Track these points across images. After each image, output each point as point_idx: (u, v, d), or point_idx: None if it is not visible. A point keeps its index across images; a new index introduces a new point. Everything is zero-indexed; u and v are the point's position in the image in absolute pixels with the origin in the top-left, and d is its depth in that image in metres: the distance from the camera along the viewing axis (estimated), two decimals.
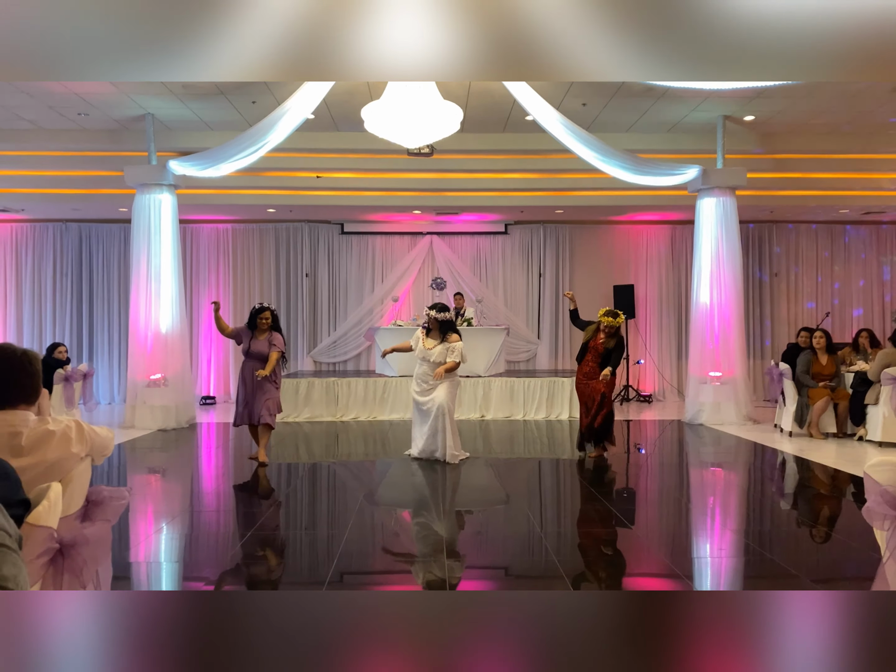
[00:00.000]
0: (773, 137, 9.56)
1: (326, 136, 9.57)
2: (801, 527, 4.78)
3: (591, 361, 6.82)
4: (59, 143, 9.36)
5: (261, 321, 6.56)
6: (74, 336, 11.65)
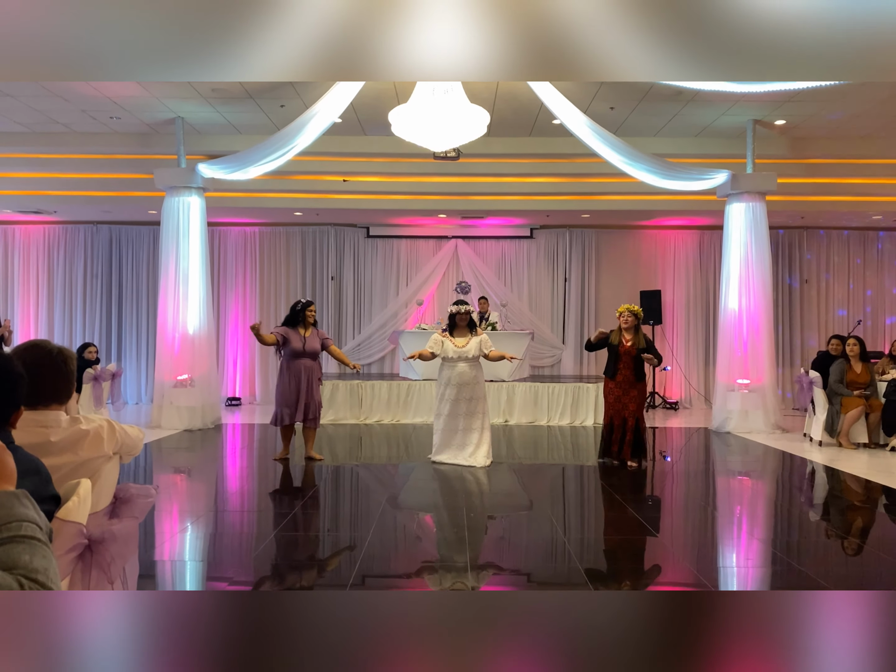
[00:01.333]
0: (805, 142, 9.42)
1: (354, 139, 9.62)
2: (832, 538, 4.68)
3: (624, 369, 6.55)
4: (92, 146, 9.52)
5: (309, 314, 6.61)
6: (103, 336, 11.82)
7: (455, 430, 6.56)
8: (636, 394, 6.60)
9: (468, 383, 6.52)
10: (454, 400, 6.52)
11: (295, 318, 6.62)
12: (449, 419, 6.57)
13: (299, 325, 6.61)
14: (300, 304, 6.68)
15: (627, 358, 6.55)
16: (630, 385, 6.57)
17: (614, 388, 6.62)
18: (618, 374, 6.58)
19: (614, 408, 6.62)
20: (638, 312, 6.62)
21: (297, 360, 6.55)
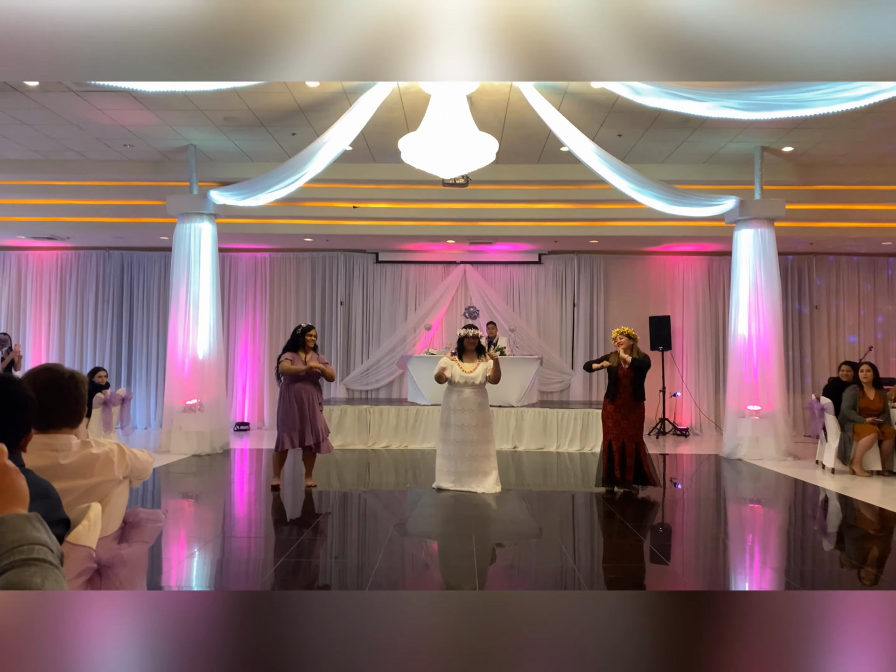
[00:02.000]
0: (813, 168, 9.45)
1: (364, 167, 9.72)
2: (846, 567, 4.61)
3: (623, 392, 6.53)
4: (105, 173, 9.65)
5: (309, 338, 6.62)
6: (114, 361, 11.88)
7: (463, 456, 6.50)
8: (635, 418, 6.54)
9: (474, 409, 6.49)
10: (461, 426, 6.48)
11: (296, 343, 6.64)
12: (456, 445, 6.52)
13: (300, 350, 6.63)
14: (300, 328, 6.70)
15: (626, 380, 6.52)
16: (629, 409, 6.51)
17: (613, 412, 6.56)
18: (617, 396, 6.55)
19: (613, 432, 6.55)
20: (630, 333, 6.62)
21: (297, 384, 6.54)
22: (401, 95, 7.40)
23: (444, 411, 6.62)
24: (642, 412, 6.66)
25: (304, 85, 7.14)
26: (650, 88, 6.11)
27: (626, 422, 6.51)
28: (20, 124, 8.12)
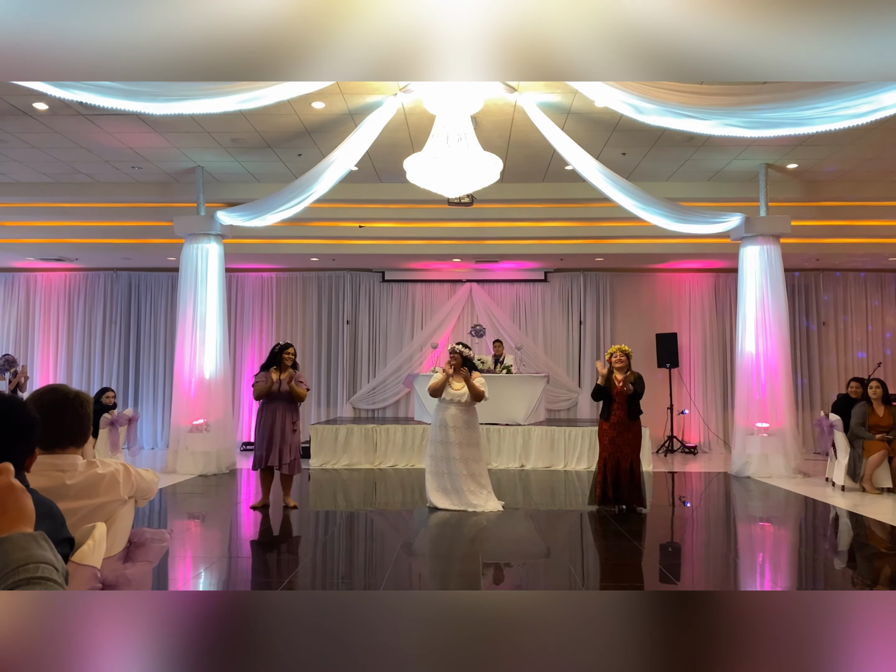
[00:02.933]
0: (817, 185, 9.47)
1: (369, 187, 9.79)
2: (857, 585, 4.55)
3: (617, 410, 6.46)
4: (113, 195, 9.74)
5: (286, 357, 6.53)
6: (121, 381, 11.92)
7: (444, 472, 6.48)
8: (630, 436, 6.48)
9: (459, 427, 6.47)
10: (446, 442, 6.47)
11: (272, 361, 6.60)
12: (439, 461, 6.51)
13: (274, 368, 6.58)
14: (278, 346, 6.65)
15: (620, 398, 6.46)
16: (624, 427, 6.45)
17: (608, 430, 6.50)
18: (611, 415, 6.49)
19: (608, 450, 6.48)
20: (628, 352, 6.59)
21: (271, 403, 6.49)
22: (405, 116, 7.46)
23: (432, 428, 6.64)
24: (639, 430, 6.58)
25: (309, 106, 7.22)
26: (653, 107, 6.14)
27: (621, 439, 6.45)
28: (30, 148, 8.22)
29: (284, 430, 6.48)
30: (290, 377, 6.50)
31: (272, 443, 6.45)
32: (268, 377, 6.48)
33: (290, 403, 6.54)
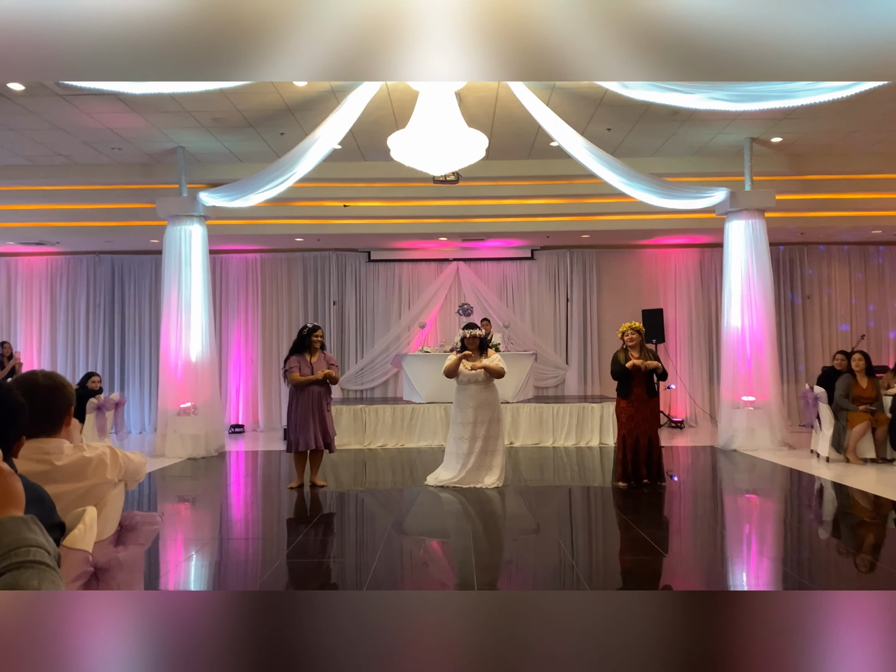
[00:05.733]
0: (802, 159, 9.48)
1: (353, 165, 9.70)
2: (843, 555, 4.63)
3: (636, 388, 6.48)
4: (94, 177, 9.60)
5: (315, 339, 6.60)
6: (106, 366, 11.83)
7: (470, 452, 6.53)
8: (649, 412, 6.54)
9: (481, 406, 6.52)
10: (469, 423, 6.52)
11: (302, 344, 6.62)
12: (464, 442, 6.56)
13: (306, 351, 6.60)
14: (306, 329, 6.67)
15: (639, 376, 6.49)
16: (643, 403, 6.50)
17: (627, 407, 6.53)
18: (630, 392, 6.51)
19: (627, 427, 6.52)
20: (641, 329, 6.62)
21: (306, 386, 6.55)
22: (389, 93, 7.38)
23: (454, 409, 6.70)
24: (656, 406, 6.67)
25: (291, 84, 7.12)
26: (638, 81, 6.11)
27: (639, 416, 6.49)
28: (7, 129, 8.07)
29: (322, 411, 6.57)
30: (322, 359, 6.62)
31: (310, 425, 6.51)
32: (302, 362, 6.54)
33: (324, 384, 6.62)
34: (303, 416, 6.52)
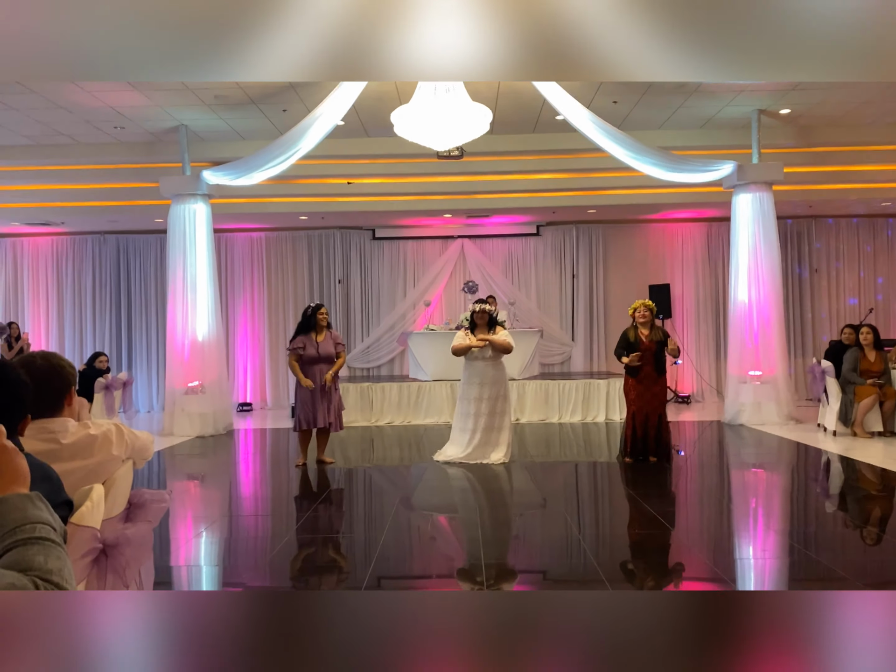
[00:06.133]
0: (811, 130, 9.36)
1: (356, 141, 9.63)
2: (849, 528, 4.64)
3: (645, 365, 6.43)
4: (97, 156, 9.56)
5: (321, 318, 6.58)
6: (114, 345, 11.87)
7: (476, 429, 6.55)
8: (658, 389, 6.52)
9: (489, 382, 6.52)
10: (475, 399, 6.52)
11: (307, 324, 6.61)
12: (471, 418, 6.57)
13: (312, 331, 6.60)
14: (310, 308, 6.66)
15: (648, 354, 6.46)
16: (652, 381, 6.47)
17: (635, 385, 6.51)
18: (640, 371, 6.49)
19: (636, 404, 6.51)
20: (652, 307, 6.58)
21: (313, 366, 6.54)
22: None
23: (461, 385, 6.70)
24: (664, 384, 6.65)
25: None
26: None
27: (648, 393, 6.47)
28: (8, 109, 8.02)
29: (329, 390, 6.57)
30: (328, 338, 6.61)
31: (317, 404, 6.52)
32: (308, 341, 6.54)
33: (331, 363, 6.61)
34: (309, 394, 6.54)
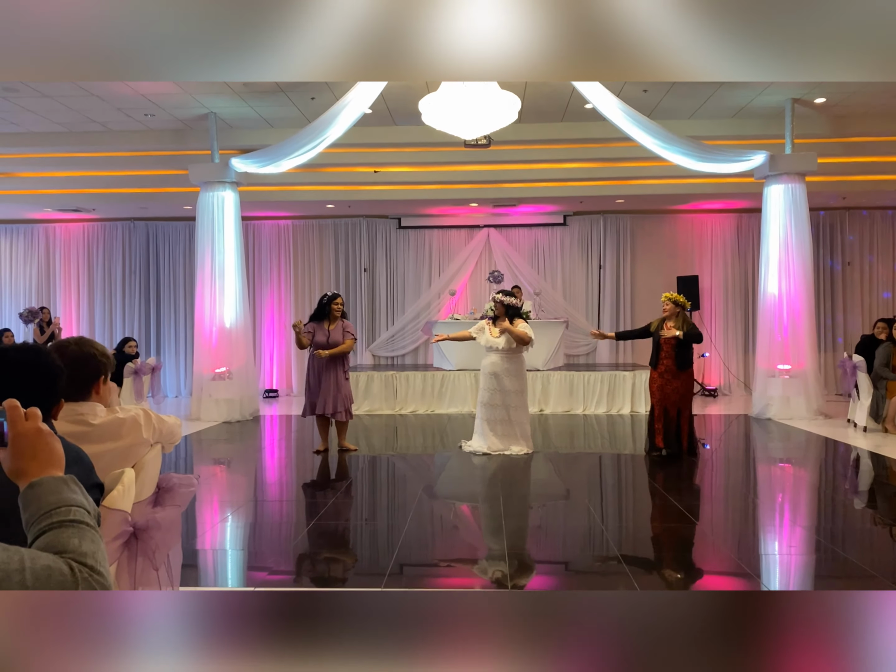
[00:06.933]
0: (846, 120, 9.15)
1: (384, 130, 9.62)
2: (878, 525, 4.57)
3: (665, 359, 6.39)
4: (127, 144, 9.67)
5: (335, 308, 6.59)
6: (143, 331, 12.05)
7: (491, 420, 6.53)
8: (679, 384, 6.43)
9: (500, 374, 6.48)
10: (488, 390, 6.51)
11: (321, 312, 6.63)
12: (485, 408, 6.57)
13: (325, 319, 6.61)
14: (326, 297, 6.67)
15: (668, 347, 6.39)
16: (672, 375, 6.39)
17: (657, 378, 6.47)
18: (659, 364, 6.44)
19: (657, 396, 6.47)
20: (678, 299, 6.49)
21: None
22: None
23: (480, 376, 6.70)
24: (689, 379, 6.49)
25: None
26: None
27: (669, 387, 6.40)
28: (42, 97, 8.14)
29: (338, 379, 6.57)
30: (340, 327, 6.58)
31: (321, 392, 6.53)
32: (318, 329, 6.54)
33: (341, 352, 6.59)
34: (314, 381, 6.57)
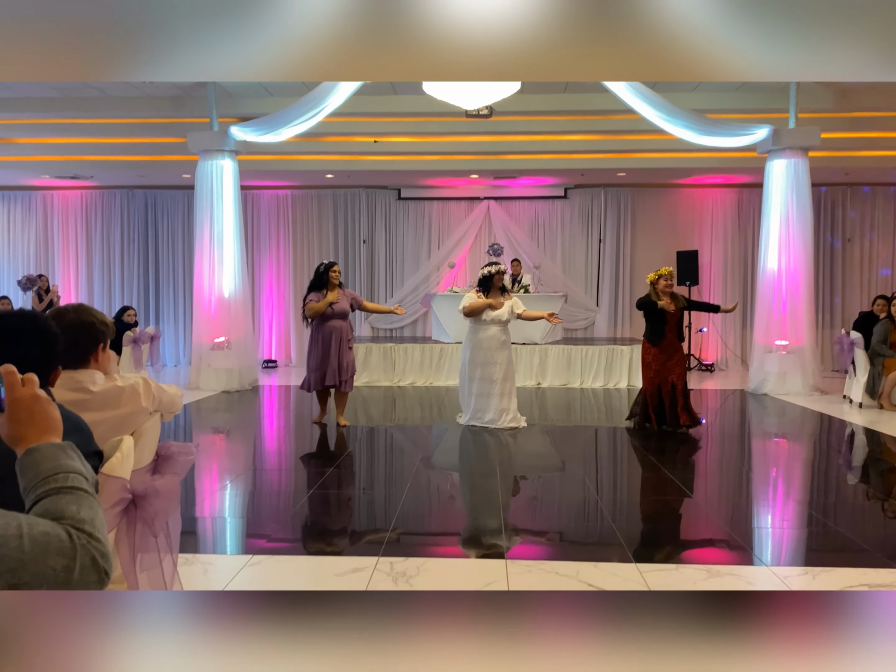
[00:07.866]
0: (850, 94, 9.05)
1: (384, 99, 9.52)
2: (872, 500, 4.61)
3: (669, 333, 6.36)
4: (126, 110, 9.57)
5: (333, 275, 6.52)
6: (141, 299, 12.03)
7: (488, 394, 6.51)
8: (680, 356, 6.47)
9: (499, 348, 6.47)
10: (486, 364, 6.48)
11: (320, 282, 6.57)
12: (481, 383, 6.53)
13: (325, 288, 6.56)
14: (322, 266, 6.59)
15: (673, 322, 6.39)
16: (674, 349, 6.42)
17: (658, 354, 6.39)
18: (664, 339, 6.40)
19: (661, 375, 6.40)
20: (668, 274, 6.46)
21: (325, 323, 6.48)
22: None
23: (468, 349, 6.58)
24: (683, 351, 6.59)
25: None
26: None
27: (672, 361, 6.40)
28: None
29: (341, 349, 6.53)
30: (342, 295, 6.54)
31: (329, 363, 6.47)
32: (320, 299, 6.46)
33: (344, 321, 6.56)
34: (322, 354, 6.48)
